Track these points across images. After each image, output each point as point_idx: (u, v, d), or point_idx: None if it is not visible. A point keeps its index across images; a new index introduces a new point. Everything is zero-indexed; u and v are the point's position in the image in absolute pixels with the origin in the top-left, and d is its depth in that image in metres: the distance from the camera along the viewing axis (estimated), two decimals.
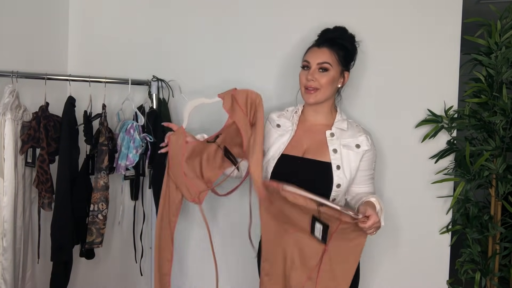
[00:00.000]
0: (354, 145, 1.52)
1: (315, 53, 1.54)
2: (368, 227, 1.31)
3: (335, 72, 1.53)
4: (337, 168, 1.48)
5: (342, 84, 1.59)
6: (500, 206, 1.80)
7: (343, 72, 1.57)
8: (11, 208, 1.68)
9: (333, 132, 1.54)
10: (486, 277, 1.78)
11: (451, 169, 1.81)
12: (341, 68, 1.55)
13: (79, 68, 2.20)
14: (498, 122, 1.73)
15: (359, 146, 1.52)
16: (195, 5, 2.10)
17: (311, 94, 1.52)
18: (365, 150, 1.51)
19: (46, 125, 1.76)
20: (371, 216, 1.31)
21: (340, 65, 1.54)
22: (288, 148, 1.55)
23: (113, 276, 2.28)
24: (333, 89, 1.55)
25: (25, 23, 1.96)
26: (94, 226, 1.86)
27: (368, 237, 1.88)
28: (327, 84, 1.52)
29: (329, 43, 1.54)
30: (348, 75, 1.60)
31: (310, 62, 1.53)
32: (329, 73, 1.52)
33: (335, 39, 1.56)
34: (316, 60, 1.52)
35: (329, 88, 1.53)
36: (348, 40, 1.59)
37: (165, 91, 2.11)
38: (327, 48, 1.53)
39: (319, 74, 1.52)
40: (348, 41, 1.59)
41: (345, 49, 1.56)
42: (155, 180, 1.99)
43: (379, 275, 1.92)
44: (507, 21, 1.73)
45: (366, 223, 1.30)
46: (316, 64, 1.52)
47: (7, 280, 1.69)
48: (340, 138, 1.52)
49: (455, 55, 1.81)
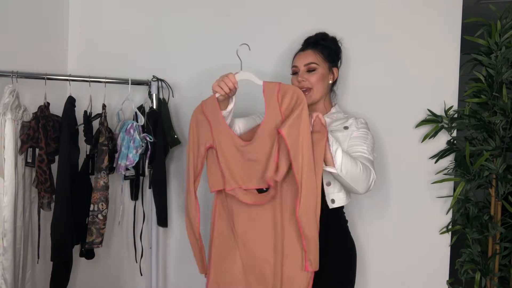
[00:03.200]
0: (342, 127, 1.55)
1: (301, 57, 1.62)
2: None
3: (323, 69, 1.59)
4: None
5: (333, 80, 1.63)
6: (500, 206, 1.80)
7: (331, 68, 1.62)
8: (11, 208, 1.68)
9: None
10: (486, 277, 1.77)
11: (451, 169, 1.81)
12: (328, 65, 1.60)
13: (79, 68, 2.20)
14: (498, 122, 1.73)
15: (347, 127, 1.54)
16: (195, 5, 2.10)
17: (305, 95, 1.54)
18: (353, 130, 1.53)
19: (45, 125, 1.75)
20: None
21: (327, 62, 1.60)
22: None
23: (113, 276, 2.28)
24: (325, 86, 1.60)
25: (25, 23, 1.96)
26: (94, 226, 1.86)
27: (368, 237, 1.90)
28: (317, 81, 1.57)
29: (312, 45, 1.63)
30: (337, 71, 1.64)
31: (298, 66, 1.60)
32: (318, 71, 1.57)
33: (317, 41, 1.63)
34: (303, 62, 1.59)
35: (320, 85, 1.58)
36: (330, 41, 1.66)
37: (165, 91, 2.11)
38: (311, 50, 1.61)
39: (308, 74, 1.58)
40: (330, 42, 1.65)
41: (328, 48, 1.62)
42: (155, 180, 1.99)
43: (379, 275, 1.92)
44: (507, 21, 1.73)
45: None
46: (304, 66, 1.58)
47: (7, 280, 1.69)
48: (330, 126, 1.55)
49: (455, 55, 1.81)
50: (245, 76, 1.49)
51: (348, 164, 1.38)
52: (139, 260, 2.13)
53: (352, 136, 1.52)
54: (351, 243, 1.59)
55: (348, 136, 1.52)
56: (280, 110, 1.44)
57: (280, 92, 1.45)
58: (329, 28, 1.72)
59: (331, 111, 1.63)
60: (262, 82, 1.47)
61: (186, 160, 1.58)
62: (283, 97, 1.44)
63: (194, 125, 1.55)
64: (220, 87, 1.44)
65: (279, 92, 1.45)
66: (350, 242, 1.59)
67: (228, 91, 1.44)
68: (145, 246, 2.16)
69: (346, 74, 1.88)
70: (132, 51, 2.19)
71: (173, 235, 2.19)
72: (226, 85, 1.43)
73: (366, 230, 1.90)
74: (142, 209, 2.16)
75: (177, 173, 2.16)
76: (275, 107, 1.45)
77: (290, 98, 1.43)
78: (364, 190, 1.45)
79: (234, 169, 1.50)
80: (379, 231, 1.91)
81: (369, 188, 1.46)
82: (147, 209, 2.16)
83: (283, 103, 1.44)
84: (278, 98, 1.45)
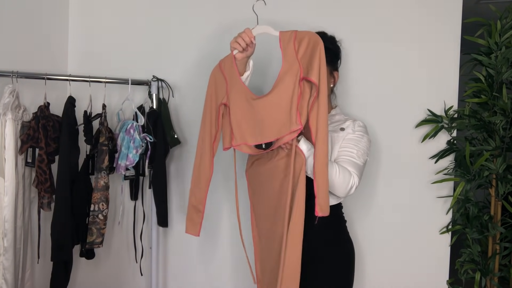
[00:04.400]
0: (339, 128, 1.54)
1: None
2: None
3: None
4: None
5: (333, 83, 1.63)
6: (500, 206, 1.80)
7: (332, 72, 1.61)
8: (12, 208, 1.68)
9: None
10: (486, 277, 1.77)
11: (451, 169, 1.81)
12: (329, 69, 1.58)
13: (79, 68, 2.20)
14: (498, 122, 1.73)
15: (344, 129, 1.54)
16: (195, 5, 2.10)
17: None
18: (348, 133, 1.53)
19: (45, 125, 1.76)
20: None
21: (328, 66, 1.56)
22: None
23: (113, 276, 2.28)
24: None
25: (25, 23, 1.96)
26: (95, 226, 1.86)
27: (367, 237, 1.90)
28: None
29: None
30: (337, 74, 1.64)
31: None
32: None
33: None
34: None
35: None
36: (329, 40, 1.62)
37: (165, 91, 2.11)
38: None
39: None
40: (329, 42, 1.62)
41: (328, 49, 1.58)
42: (155, 180, 1.99)
43: (379, 275, 1.92)
44: (507, 21, 1.73)
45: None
46: None
47: (8, 280, 1.69)
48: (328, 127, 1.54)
49: (455, 55, 1.81)
50: (262, 30, 1.49)
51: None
52: (139, 260, 2.13)
53: (346, 138, 1.51)
54: (349, 242, 1.59)
55: (342, 137, 1.52)
56: (297, 57, 1.42)
57: (296, 39, 1.43)
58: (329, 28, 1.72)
59: (331, 113, 1.63)
60: (278, 33, 1.46)
61: (201, 119, 1.59)
62: (300, 44, 1.42)
63: (212, 82, 1.58)
64: (237, 43, 1.46)
65: (295, 39, 1.43)
66: (348, 241, 1.59)
67: (245, 46, 1.46)
68: (145, 246, 2.16)
69: (346, 74, 1.88)
70: (132, 51, 2.19)
71: (173, 235, 2.19)
72: (243, 39, 1.45)
73: (365, 230, 1.90)
74: (142, 209, 2.16)
75: (177, 173, 2.16)
76: (292, 55, 1.43)
77: (307, 44, 1.41)
78: (343, 194, 1.46)
79: (243, 124, 1.49)
80: (379, 231, 1.91)
81: (349, 193, 1.45)
82: (147, 209, 2.16)
83: (299, 50, 1.42)
84: (295, 45, 1.43)
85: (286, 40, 1.44)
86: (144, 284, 2.22)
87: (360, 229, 1.90)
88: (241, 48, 1.45)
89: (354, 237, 1.63)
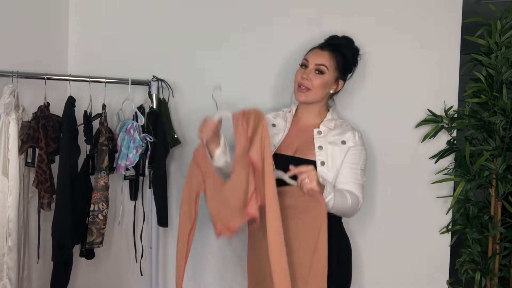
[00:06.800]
0: (340, 141, 1.54)
1: (316, 54, 1.58)
2: (299, 172, 1.36)
3: (330, 77, 1.57)
4: (321, 164, 1.50)
5: (334, 90, 1.62)
6: (500, 206, 1.80)
7: (338, 80, 1.60)
8: (16, 208, 1.69)
9: (320, 130, 1.57)
10: (486, 277, 1.77)
11: (451, 169, 1.81)
12: (337, 75, 1.58)
13: (79, 68, 2.20)
14: (498, 122, 1.73)
15: (345, 142, 1.53)
16: (195, 5, 2.10)
17: (302, 93, 1.57)
18: (350, 146, 1.53)
19: (45, 125, 1.76)
20: (301, 168, 1.36)
21: (337, 72, 1.58)
22: (281, 147, 1.59)
23: (113, 276, 2.28)
24: (324, 93, 1.59)
25: (25, 23, 1.96)
26: (95, 226, 1.86)
27: (367, 237, 1.90)
28: (319, 86, 1.55)
29: (332, 47, 1.59)
30: (342, 84, 1.63)
31: (309, 61, 1.58)
32: (324, 76, 1.56)
33: (339, 46, 1.60)
34: (315, 61, 1.56)
35: (320, 91, 1.57)
36: (352, 51, 1.63)
37: (165, 91, 2.11)
38: (328, 51, 1.58)
39: (314, 75, 1.55)
40: (351, 52, 1.63)
41: (345, 58, 1.60)
42: (155, 180, 1.99)
43: (378, 275, 1.92)
44: (507, 21, 1.73)
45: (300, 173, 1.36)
46: (314, 65, 1.56)
47: (12, 280, 1.70)
48: (327, 136, 1.55)
49: (455, 55, 1.80)
50: (220, 115, 1.52)
51: (339, 204, 1.42)
52: (139, 260, 2.13)
53: (348, 153, 1.52)
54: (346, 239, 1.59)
55: (344, 151, 1.52)
56: (247, 136, 1.45)
57: (244, 118, 1.47)
58: (329, 28, 1.73)
59: (326, 117, 1.61)
60: (231, 115, 1.49)
61: (180, 206, 1.59)
62: (247, 122, 1.46)
63: (189, 173, 1.59)
64: (203, 133, 1.50)
65: (243, 119, 1.47)
66: (345, 238, 1.59)
67: (211, 134, 1.49)
68: (145, 246, 2.16)
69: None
70: (132, 51, 2.19)
71: (173, 235, 2.19)
72: (208, 128, 1.48)
73: (365, 230, 1.90)
74: (142, 209, 2.16)
75: (177, 173, 2.16)
76: (243, 134, 1.46)
77: (253, 121, 1.44)
78: (350, 217, 1.56)
79: (219, 211, 1.51)
80: (379, 231, 1.91)
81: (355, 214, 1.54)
82: (147, 209, 2.16)
83: (248, 128, 1.45)
84: (243, 124, 1.46)
85: (236, 121, 1.48)
86: (144, 284, 2.21)
87: (360, 229, 1.89)
88: (208, 137, 1.50)
89: (354, 237, 1.63)
